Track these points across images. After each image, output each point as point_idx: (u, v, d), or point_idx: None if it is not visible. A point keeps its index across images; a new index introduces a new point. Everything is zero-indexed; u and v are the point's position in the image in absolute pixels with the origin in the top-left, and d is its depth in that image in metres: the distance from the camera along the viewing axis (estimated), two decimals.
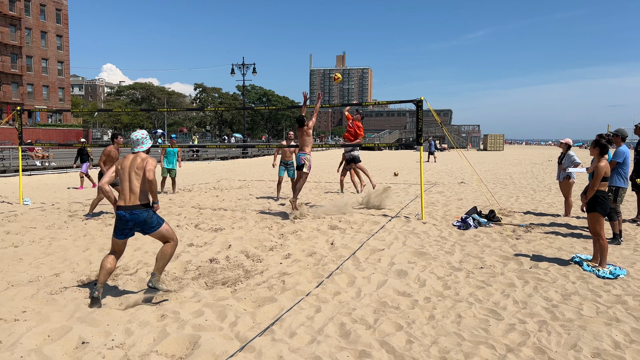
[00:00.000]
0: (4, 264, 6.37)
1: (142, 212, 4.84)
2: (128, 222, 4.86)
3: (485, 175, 21.56)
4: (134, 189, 4.85)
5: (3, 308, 4.68)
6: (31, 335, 4.05)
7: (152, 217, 4.90)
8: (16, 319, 4.43)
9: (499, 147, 65.93)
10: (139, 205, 4.84)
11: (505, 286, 5.49)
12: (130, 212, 4.82)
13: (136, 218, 4.83)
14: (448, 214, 10.40)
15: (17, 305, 4.77)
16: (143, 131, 5.15)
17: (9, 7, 55.66)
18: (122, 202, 4.87)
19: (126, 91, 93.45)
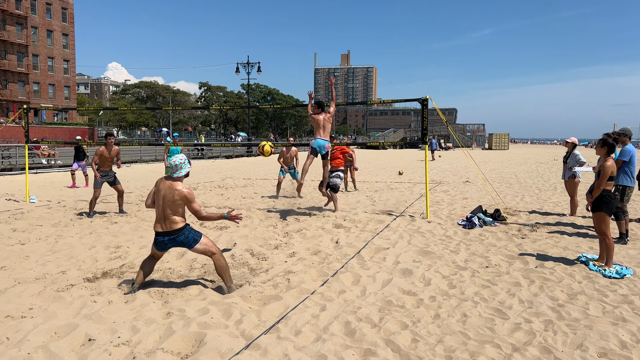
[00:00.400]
0: (11, 261, 6.41)
1: (178, 236, 5.05)
2: (167, 244, 5.10)
3: (490, 174, 21.51)
4: (168, 216, 4.99)
5: (10, 305, 4.71)
6: (38, 332, 4.08)
7: (188, 237, 5.08)
8: (23, 316, 4.46)
9: (504, 146, 65.74)
10: (175, 231, 5.03)
11: (510, 285, 5.48)
12: (169, 238, 5.05)
13: (174, 243, 5.08)
14: (453, 213, 10.38)
15: (24, 302, 4.79)
16: (182, 155, 5.10)
17: (15, 5, 55.91)
18: (159, 228, 5.05)
19: (131, 90, 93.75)
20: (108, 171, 10.18)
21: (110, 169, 10.23)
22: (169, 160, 5.10)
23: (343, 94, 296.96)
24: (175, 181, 5.01)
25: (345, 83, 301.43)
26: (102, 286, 5.30)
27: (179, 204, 4.97)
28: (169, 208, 4.96)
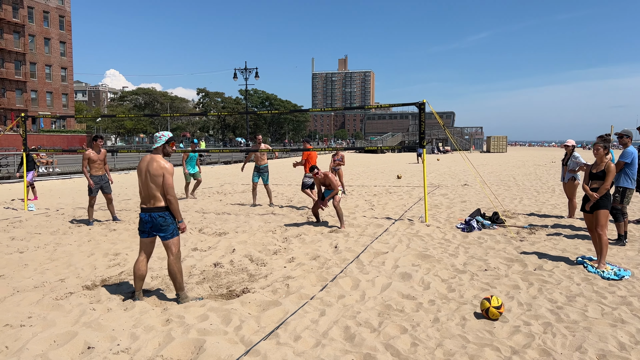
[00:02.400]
0: (9, 269, 6.40)
1: (160, 216, 4.94)
2: (146, 223, 4.98)
3: (488, 177, 21.53)
4: (152, 193, 4.92)
5: (9, 314, 4.70)
6: (37, 340, 4.07)
7: (169, 225, 5.00)
8: (22, 325, 4.45)
9: (502, 149, 65.84)
10: (157, 208, 4.94)
11: (509, 288, 5.48)
12: (150, 215, 4.95)
13: (154, 222, 4.96)
14: (452, 217, 10.39)
15: (22, 311, 4.79)
16: (168, 132, 5.21)
17: (12, 14, 56.01)
18: (143, 205, 5.01)
19: (129, 96, 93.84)
20: (102, 175, 9.95)
21: (103, 172, 10.00)
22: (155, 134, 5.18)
23: (341, 98, 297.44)
24: (155, 155, 5.02)
25: (343, 88, 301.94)
26: (101, 294, 5.29)
27: (159, 176, 4.89)
28: (152, 183, 4.89)
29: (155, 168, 4.89)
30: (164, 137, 5.13)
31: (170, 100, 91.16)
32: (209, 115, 23.35)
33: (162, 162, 4.95)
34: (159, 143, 5.09)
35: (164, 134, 5.15)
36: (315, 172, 9.31)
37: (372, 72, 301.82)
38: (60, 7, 62.47)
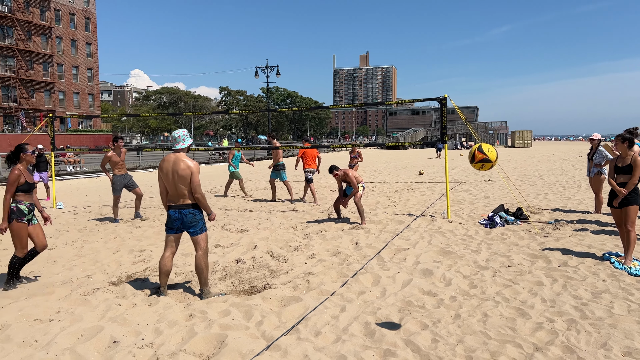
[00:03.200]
0: (39, 266, 6.59)
1: (189, 213, 5.04)
2: (176, 220, 5.08)
3: (512, 172, 21.23)
4: (180, 192, 5.02)
5: (38, 309, 4.84)
6: (65, 334, 4.19)
7: (198, 221, 5.10)
8: (51, 319, 4.58)
9: (527, 144, 64.79)
10: (186, 205, 5.04)
11: (533, 284, 5.41)
12: (180, 212, 5.05)
13: (183, 219, 5.05)
14: (474, 212, 10.29)
15: (51, 306, 4.93)
16: (183, 129, 5.29)
17: (40, 17, 57.34)
18: (172, 202, 5.10)
19: (153, 96, 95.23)
20: (124, 174, 10.18)
21: (126, 172, 10.25)
22: (173, 133, 5.25)
23: (362, 94, 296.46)
24: (179, 153, 5.10)
25: (364, 84, 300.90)
26: (127, 289, 5.41)
27: (187, 176, 4.99)
28: (180, 182, 4.99)
29: (182, 168, 4.98)
30: (186, 139, 5.19)
31: (194, 99, 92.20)
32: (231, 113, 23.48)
33: (188, 162, 5.04)
34: (182, 145, 5.15)
35: (181, 135, 5.18)
36: (335, 172, 9.30)
37: (393, 68, 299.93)
38: (86, 9, 63.68)
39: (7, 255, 7.08)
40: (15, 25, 54.17)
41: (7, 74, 53.91)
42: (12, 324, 4.44)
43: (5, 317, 4.61)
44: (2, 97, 54.16)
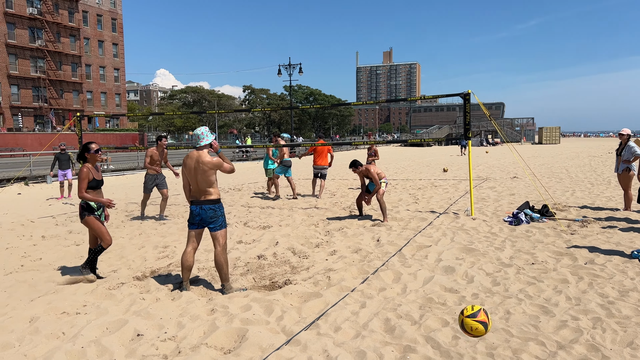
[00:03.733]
0: (67, 261, 6.76)
1: (210, 208, 5.15)
2: (197, 215, 5.18)
3: (539, 169, 20.84)
4: (203, 188, 5.14)
5: (66, 302, 4.97)
6: (91, 327, 4.29)
7: (218, 217, 5.20)
8: (78, 312, 4.70)
9: (554, 140, 63.55)
10: (208, 201, 5.14)
11: (557, 282, 5.32)
12: (201, 207, 5.15)
13: (204, 214, 5.15)
14: (499, 210, 10.15)
15: (78, 300, 5.05)
16: (205, 127, 5.38)
17: (68, 18, 58.65)
18: (194, 198, 5.21)
19: (178, 95, 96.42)
20: (158, 174, 10.24)
21: (160, 172, 10.29)
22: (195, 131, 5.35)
23: (386, 91, 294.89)
24: (202, 151, 5.18)
25: (387, 81, 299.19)
26: (151, 284, 5.51)
27: (211, 173, 5.12)
28: (202, 179, 5.11)
29: (204, 165, 5.08)
30: (208, 136, 5.25)
31: (217, 98, 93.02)
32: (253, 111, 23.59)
33: (210, 159, 5.13)
34: (205, 142, 5.23)
35: (203, 132, 5.25)
36: (356, 169, 9.28)
37: (417, 64, 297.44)
38: (113, 10, 64.86)
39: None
40: (45, 27, 55.55)
41: (37, 74, 55.35)
42: (40, 317, 4.57)
43: (34, 310, 4.75)
44: (33, 97, 55.62)
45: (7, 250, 7.50)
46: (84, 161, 5.80)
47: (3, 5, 51.56)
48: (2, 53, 51.95)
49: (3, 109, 52.56)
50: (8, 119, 52.99)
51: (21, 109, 54.28)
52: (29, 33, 54.61)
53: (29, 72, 54.75)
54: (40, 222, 9.99)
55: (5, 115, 52.80)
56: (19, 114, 53.94)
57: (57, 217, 10.60)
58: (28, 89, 55.01)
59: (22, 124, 53.81)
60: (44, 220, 10.22)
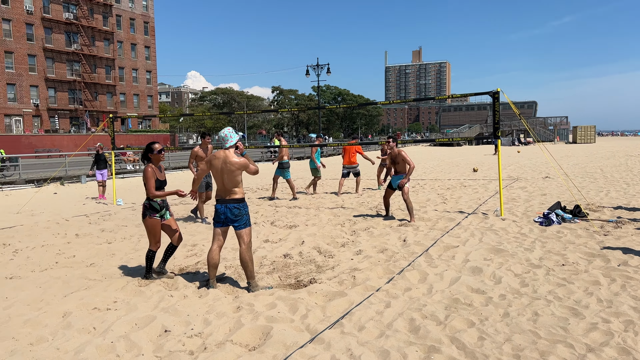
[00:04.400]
0: (99, 258, 6.95)
1: (235, 207, 5.22)
2: (222, 214, 5.26)
3: (573, 169, 20.33)
4: (228, 187, 5.23)
5: (97, 298, 5.11)
6: (121, 323, 4.41)
7: (243, 216, 5.28)
8: (108, 308, 4.83)
9: (589, 140, 61.82)
10: (233, 200, 5.22)
11: (589, 284, 5.19)
12: (226, 206, 5.23)
13: (229, 213, 5.23)
14: (529, 210, 9.95)
15: (109, 296, 5.19)
16: (229, 128, 5.49)
17: (102, 22, 60.21)
18: (219, 197, 5.29)
19: (209, 96, 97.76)
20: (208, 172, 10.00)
21: None
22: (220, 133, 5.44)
23: (415, 91, 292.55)
24: (228, 151, 5.28)
25: (417, 80, 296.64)
26: (179, 282, 5.61)
27: (237, 173, 5.21)
28: (228, 179, 5.20)
29: (230, 165, 5.18)
30: (233, 136, 5.34)
31: (247, 99, 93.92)
32: (281, 112, 23.75)
33: (236, 159, 5.22)
34: (230, 143, 5.32)
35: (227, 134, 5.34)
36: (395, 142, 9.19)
37: (447, 63, 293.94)
38: (145, 14, 66.24)
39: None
40: (80, 32, 57.17)
41: (73, 77, 57.01)
42: (73, 312, 4.71)
43: (67, 305, 4.90)
44: (69, 99, 57.30)
45: (43, 247, 7.76)
46: (148, 161, 5.76)
47: (41, 11, 53.30)
48: (40, 57, 53.72)
49: (41, 111, 54.32)
50: (45, 121, 54.74)
51: (58, 111, 56.00)
52: (65, 37, 56.30)
53: (65, 76, 56.43)
54: (74, 221, 10.29)
55: (42, 118, 54.56)
56: (55, 116, 55.68)
57: (90, 216, 10.90)
58: (64, 92, 56.72)
59: (59, 126, 55.53)
60: (78, 219, 10.53)
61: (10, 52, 50.92)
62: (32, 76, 53.18)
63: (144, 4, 66.10)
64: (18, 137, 45.62)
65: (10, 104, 51.36)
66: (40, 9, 53.23)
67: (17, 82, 51.68)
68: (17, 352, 3.88)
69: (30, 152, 40.42)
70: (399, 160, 9.20)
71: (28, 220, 10.57)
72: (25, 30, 52.03)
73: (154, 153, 5.72)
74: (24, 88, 52.40)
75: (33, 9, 52.60)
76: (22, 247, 7.82)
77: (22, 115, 52.59)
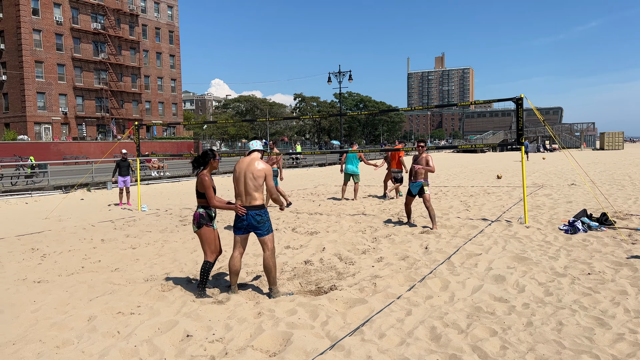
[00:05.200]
0: (123, 263, 7.07)
1: (256, 214, 5.22)
2: (243, 221, 5.26)
3: (600, 176, 19.90)
4: (249, 192, 5.23)
5: (122, 302, 5.21)
6: (144, 327, 4.48)
7: (265, 222, 5.28)
8: (132, 313, 4.91)
9: (617, 146, 60.47)
10: (253, 207, 5.22)
11: (615, 293, 5.07)
12: (246, 213, 5.22)
13: (250, 219, 5.23)
14: (554, 218, 9.77)
15: (133, 301, 5.28)
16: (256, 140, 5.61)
17: (129, 32, 61.52)
18: (239, 202, 5.29)
19: (232, 104, 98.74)
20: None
21: None
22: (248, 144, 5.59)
23: (438, 97, 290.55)
24: (254, 155, 5.35)
25: (439, 86, 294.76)
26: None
27: (260, 179, 5.22)
28: (251, 183, 5.20)
29: (255, 170, 5.21)
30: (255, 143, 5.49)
31: (269, 107, 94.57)
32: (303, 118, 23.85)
33: (261, 164, 5.27)
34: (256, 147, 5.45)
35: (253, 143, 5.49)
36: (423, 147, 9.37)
37: (471, 69, 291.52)
38: (170, 23, 67.43)
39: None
40: (107, 41, 58.51)
41: (100, 86, 58.31)
42: (98, 316, 4.81)
43: (92, 310, 5.00)
44: (96, 107, 58.58)
45: (70, 252, 7.94)
46: (202, 168, 5.40)
47: (70, 22, 54.75)
48: (69, 66, 55.13)
49: (69, 119, 55.65)
50: (73, 128, 56.05)
51: (85, 119, 57.29)
52: (93, 47, 57.68)
53: (93, 84, 57.76)
54: (100, 226, 10.50)
55: (70, 125, 55.88)
56: (83, 124, 56.97)
57: (115, 222, 11.10)
58: (91, 100, 58.01)
59: (86, 133, 56.79)
60: (104, 225, 10.74)
61: (41, 62, 52.39)
62: (61, 85, 54.59)
63: (169, 14, 67.31)
64: (47, 145, 46.74)
65: (40, 112, 52.77)
66: (69, 19, 54.68)
67: (46, 90, 53.12)
68: (44, 355, 3.97)
69: (59, 158, 41.38)
70: (422, 162, 9.14)
71: (56, 225, 10.82)
72: (54, 41, 53.51)
73: (216, 158, 5.40)
74: (53, 97, 53.81)
75: (62, 20, 54.08)
76: (49, 251, 8.01)
77: (51, 123, 53.96)
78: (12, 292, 5.74)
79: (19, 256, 7.72)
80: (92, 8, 57.12)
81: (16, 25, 50.61)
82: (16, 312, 5.01)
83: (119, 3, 59.94)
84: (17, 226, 10.87)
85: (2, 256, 7.75)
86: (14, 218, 12.31)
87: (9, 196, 17.20)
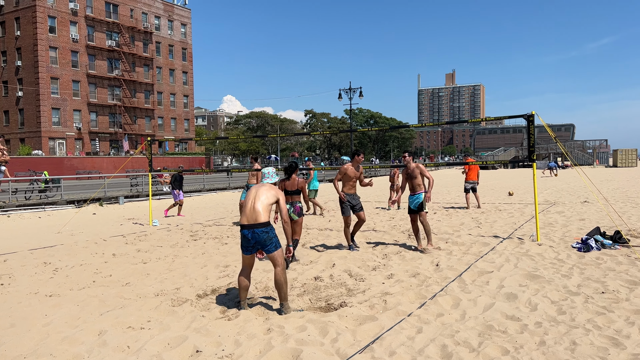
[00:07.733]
0: (134, 278, 7.10)
1: (262, 232, 5.26)
2: (250, 240, 5.29)
3: (613, 193, 19.69)
4: (256, 209, 5.29)
5: (132, 317, 5.22)
6: (154, 342, 4.48)
7: (272, 239, 5.32)
8: (142, 327, 4.92)
9: (631, 163, 59.85)
10: (259, 224, 5.26)
11: (630, 313, 4.99)
12: (252, 231, 5.25)
13: (257, 237, 5.26)
14: (567, 235, 9.67)
15: (143, 315, 5.29)
16: (272, 168, 5.97)
17: (143, 49, 62.53)
18: (244, 221, 5.33)
19: (243, 120, 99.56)
20: (353, 194, 8.78)
21: (355, 191, 8.85)
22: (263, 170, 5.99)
23: (448, 114, 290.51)
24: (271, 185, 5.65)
25: (450, 103, 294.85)
26: (211, 302, 5.68)
27: (272, 201, 5.37)
28: (260, 202, 5.31)
29: (269, 190, 5.44)
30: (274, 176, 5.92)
31: (280, 123, 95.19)
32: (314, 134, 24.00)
33: (276, 189, 5.56)
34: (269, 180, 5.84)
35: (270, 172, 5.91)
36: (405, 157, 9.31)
37: (481, 86, 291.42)
38: (183, 40, 68.45)
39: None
40: (121, 58, 59.48)
41: (113, 102, 59.15)
42: (108, 330, 4.82)
43: (103, 324, 5.02)
44: (109, 123, 59.35)
45: (81, 266, 7.99)
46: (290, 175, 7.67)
47: (85, 39, 55.79)
48: (84, 83, 56.04)
49: (83, 134, 56.39)
50: (87, 143, 56.76)
51: (98, 134, 58.02)
52: (107, 64, 58.64)
53: (107, 100, 58.59)
54: (111, 241, 10.57)
55: (84, 140, 56.59)
56: (96, 139, 57.69)
57: (127, 237, 11.17)
58: (105, 116, 58.80)
59: (99, 148, 57.45)
60: (115, 239, 10.81)
61: (56, 78, 53.32)
62: (75, 101, 55.44)
63: (182, 31, 68.35)
64: (61, 160, 47.31)
65: (55, 127, 53.55)
66: (85, 37, 55.72)
67: (61, 106, 53.95)
68: None
69: (72, 173, 41.79)
70: (416, 174, 8.69)
71: (68, 239, 10.91)
72: (70, 57, 54.50)
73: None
74: (67, 112, 54.64)
75: (78, 37, 55.12)
76: (61, 265, 8.07)
77: (65, 139, 54.69)
78: (24, 306, 5.78)
79: (31, 270, 7.79)
80: (107, 26, 58.20)
81: (33, 43, 51.66)
82: (28, 326, 5.05)
83: (134, 21, 61.04)
84: (30, 240, 10.99)
85: (15, 270, 7.82)
86: (27, 232, 12.44)
87: (22, 210, 17.40)
